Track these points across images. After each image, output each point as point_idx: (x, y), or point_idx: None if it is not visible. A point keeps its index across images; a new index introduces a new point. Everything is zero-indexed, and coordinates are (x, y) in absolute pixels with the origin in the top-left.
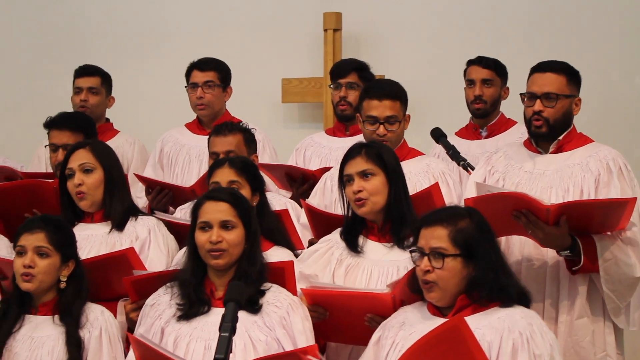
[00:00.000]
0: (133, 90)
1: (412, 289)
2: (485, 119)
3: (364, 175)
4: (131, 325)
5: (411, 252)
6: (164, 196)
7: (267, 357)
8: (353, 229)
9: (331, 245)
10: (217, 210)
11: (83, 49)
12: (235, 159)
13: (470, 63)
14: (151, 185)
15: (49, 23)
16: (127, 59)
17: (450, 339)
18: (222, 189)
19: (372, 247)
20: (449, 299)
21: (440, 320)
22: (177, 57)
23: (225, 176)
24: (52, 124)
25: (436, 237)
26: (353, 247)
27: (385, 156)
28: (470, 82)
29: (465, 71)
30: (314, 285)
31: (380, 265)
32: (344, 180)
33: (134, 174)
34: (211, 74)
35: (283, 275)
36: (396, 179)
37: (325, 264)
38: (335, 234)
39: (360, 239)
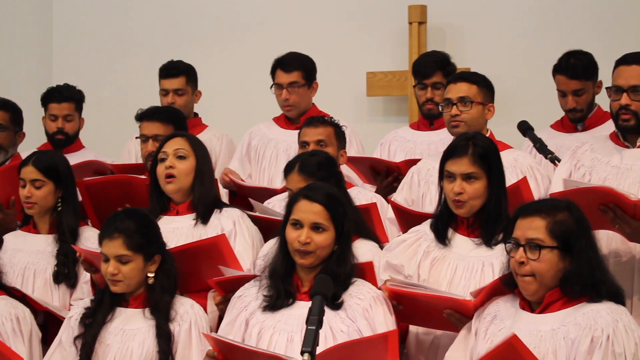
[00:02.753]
0: (218, 84)
1: (504, 283)
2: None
3: (467, 177)
4: (223, 315)
5: (506, 243)
6: None
7: (346, 342)
8: (443, 221)
9: (419, 237)
10: (310, 211)
11: (170, 43)
12: (304, 165)
13: (556, 71)
14: (242, 191)
15: (133, 18)
16: (212, 53)
17: (507, 357)
18: (320, 187)
19: (460, 241)
20: (543, 293)
21: (529, 316)
22: (263, 50)
23: (294, 183)
24: (143, 116)
25: (534, 227)
26: (441, 238)
27: (491, 156)
28: (561, 93)
29: (553, 76)
30: (394, 284)
31: (466, 261)
32: (444, 173)
33: (228, 177)
34: (295, 75)
35: (363, 275)
36: (498, 183)
37: (412, 254)
38: (425, 225)
39: (449, 232)
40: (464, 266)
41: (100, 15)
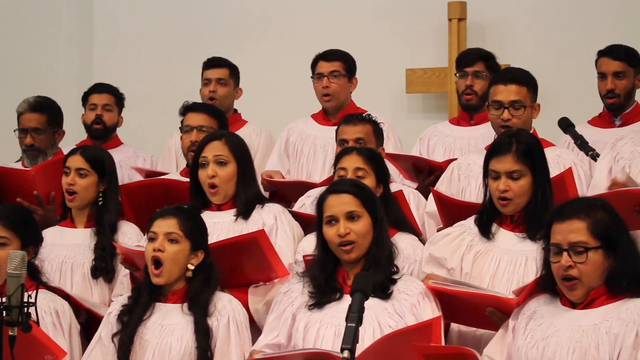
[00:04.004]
0: (259, 80)
1: (541, 287)
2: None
3: (512, 175)
4: None
5: (544, 249)
6: None
7: (389, 334)
8: (488, 215)
9: (464, 230)
10: (341, 203)
11: (209, 41)
12: (363, 148)
13: (600, 54)
14: (282, 189)
15: (176, 15)
16: (250, 50)
17: None
18: (343, 180)
19: (504, 236)
20: (588, 293)
21: (570, 312)
22: (302, 47)
23: (352, 162)
24: (189, 108)
25: (575, 230)
26: (485, 232)
27: (535, 152)
28: (601, 75)
29: (596, 62)
30: (436, 282)
31: (509, 255)
32: (489, 171)
33: (267, 179)
34: (337, 64)
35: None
36: (543, 179)
37: (456, 248)
38: (470, 220)
39: (493, 227)
40: (507, 260)
41: (140, 14)
